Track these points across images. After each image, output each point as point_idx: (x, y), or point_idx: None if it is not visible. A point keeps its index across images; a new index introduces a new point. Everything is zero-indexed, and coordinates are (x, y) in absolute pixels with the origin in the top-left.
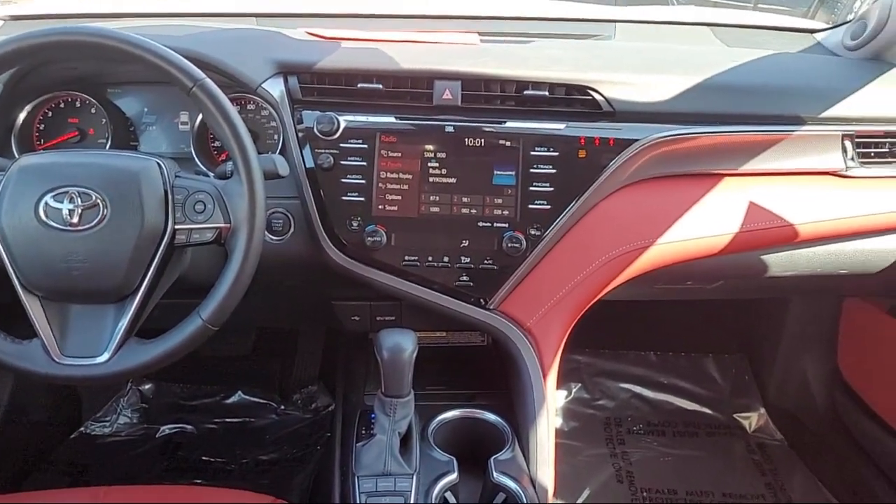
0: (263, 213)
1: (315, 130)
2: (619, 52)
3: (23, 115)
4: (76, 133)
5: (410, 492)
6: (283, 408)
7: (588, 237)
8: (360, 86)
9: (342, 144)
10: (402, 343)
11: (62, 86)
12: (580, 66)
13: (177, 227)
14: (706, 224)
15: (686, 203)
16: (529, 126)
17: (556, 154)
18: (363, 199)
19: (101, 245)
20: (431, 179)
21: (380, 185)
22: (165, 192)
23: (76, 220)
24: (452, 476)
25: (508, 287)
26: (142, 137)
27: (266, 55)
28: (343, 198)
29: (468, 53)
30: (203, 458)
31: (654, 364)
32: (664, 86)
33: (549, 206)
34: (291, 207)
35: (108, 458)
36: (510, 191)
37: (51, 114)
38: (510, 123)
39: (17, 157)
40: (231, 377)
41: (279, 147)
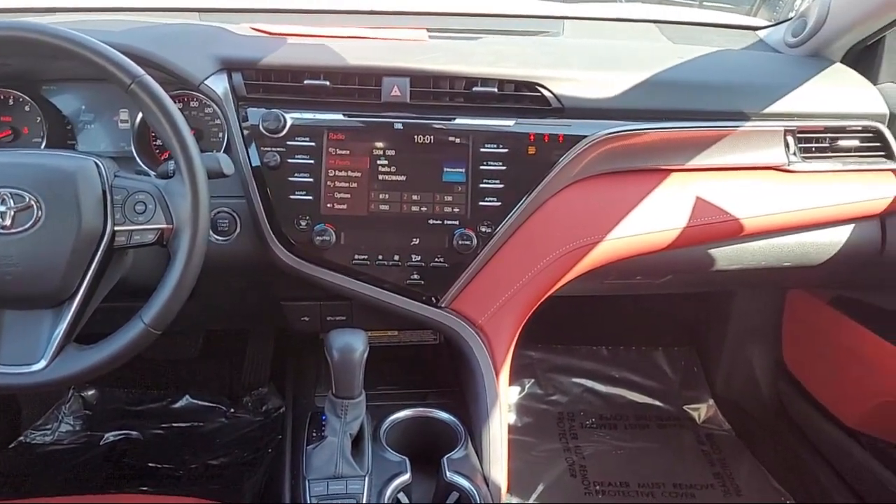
0: (207, 213)
1: (261, 128)
2: (568, 49)
3: None
4: (9, 132)
5: (362, 493)
6: (233, 411)
7: (538, 234)
8: (307, 82)
9: (289, 142)
10: (353, 343)
11: None
12: (529, 63)
13: (116, 229)
14: (654, 219)
15: (634, 199)
16: (479, 123)
17: (506, 151)
18: (311, 198)
19: (36, 248)
20: (381, 177)
21: (328, 184)
22: (104, 193)
23: (8, 223)
24: (405, 476)
25: (460, 285)
26: (80, 136)
27: (209, 51)
28: (290, 196)
29: (417, 50)
30: (150, 465)
31: (606, 358)
32: (612, 82)
33: (500, 203)
34: (237, 207)
35: (50, 468)
36: (460, 188)
37: None
38: (459, 120)
39: None
40: (178, 381)
41: (224, 145)
